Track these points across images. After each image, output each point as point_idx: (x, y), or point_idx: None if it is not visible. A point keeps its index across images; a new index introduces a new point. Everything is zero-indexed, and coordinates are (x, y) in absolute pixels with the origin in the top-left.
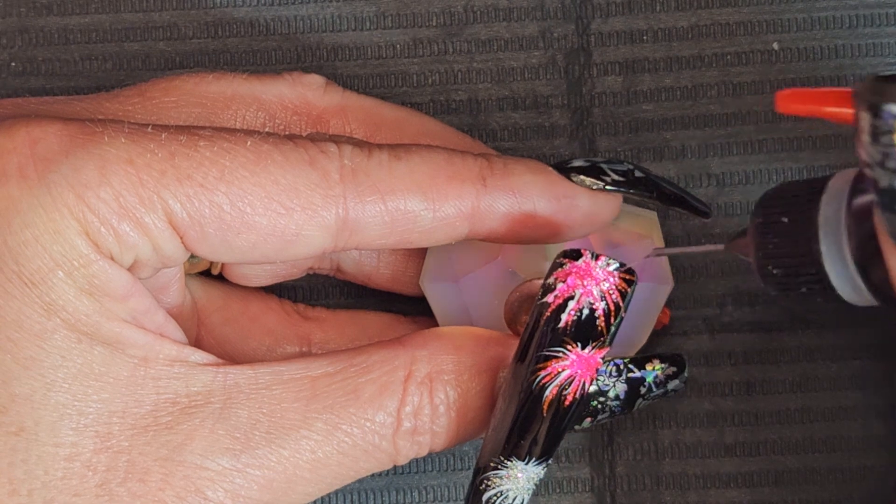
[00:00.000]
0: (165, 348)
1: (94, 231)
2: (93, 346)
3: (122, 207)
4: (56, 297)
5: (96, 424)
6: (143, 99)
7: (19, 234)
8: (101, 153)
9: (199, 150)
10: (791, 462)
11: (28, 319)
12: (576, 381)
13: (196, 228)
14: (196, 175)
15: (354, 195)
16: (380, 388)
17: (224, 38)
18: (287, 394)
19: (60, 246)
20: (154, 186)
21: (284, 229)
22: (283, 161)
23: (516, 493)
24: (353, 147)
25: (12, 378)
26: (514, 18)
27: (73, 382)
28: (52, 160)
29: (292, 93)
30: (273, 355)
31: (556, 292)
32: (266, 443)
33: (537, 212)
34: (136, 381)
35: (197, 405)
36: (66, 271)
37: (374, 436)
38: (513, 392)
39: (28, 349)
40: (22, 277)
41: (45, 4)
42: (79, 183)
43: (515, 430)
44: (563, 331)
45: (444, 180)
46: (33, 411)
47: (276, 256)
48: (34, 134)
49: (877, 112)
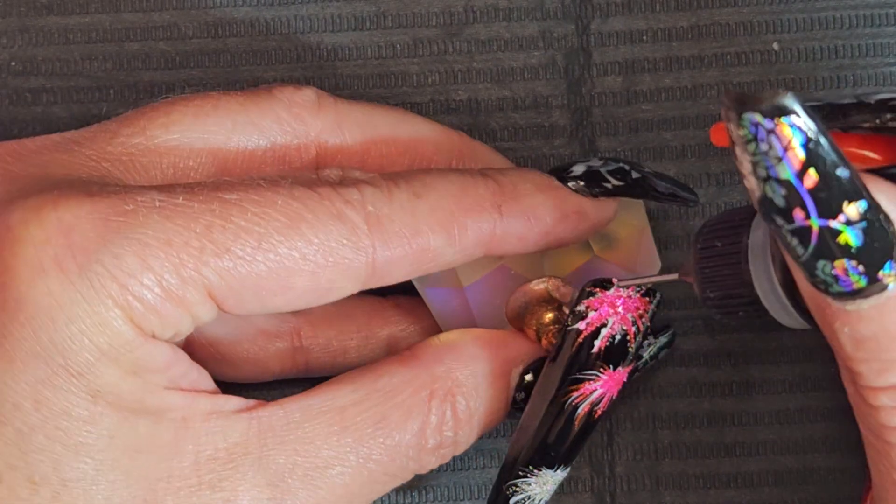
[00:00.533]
0: (201, 403)
1: (138, 317)
2: (138, 420)
3: (165, 290)
4: (102, 384)
5: (144, 493)
6: (144, 139)
7: (64, 330)
8: (139, 237)
9: (233, 221)
10: (790, 462)
11: (76, 408)
12: (606, 398)
13: (234, 296)
14: (234, 247)
15: (382, 243)
16: (405, 413)
17: (224, 38)
18: (318, 429)
19: (106, 336)
20: (194, 265)
21: (318, 285)
22: (313, 220)
23: (542, 496)
24: (373, 190)
25: (62, 465)
26: (514, 18)
27: (122, 458)
28: (91, 250)
29: (288, 114)
30: (266, 354)
31: (588, 320)
32: (303, 485)
33: (549, 229)
34: (178, 444)
35: (236, 457)
36: (112, 358)
37: (402, 459)
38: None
39: (77, 435)
40: (69, 370)
41: (46, 4)
42: (121, 272)
43: (547, 443)
44: (596, 356)
45: (462, 214)
46: (84, 493)
47: (307, 306)
48: (66, 220)
49: (739, 122)
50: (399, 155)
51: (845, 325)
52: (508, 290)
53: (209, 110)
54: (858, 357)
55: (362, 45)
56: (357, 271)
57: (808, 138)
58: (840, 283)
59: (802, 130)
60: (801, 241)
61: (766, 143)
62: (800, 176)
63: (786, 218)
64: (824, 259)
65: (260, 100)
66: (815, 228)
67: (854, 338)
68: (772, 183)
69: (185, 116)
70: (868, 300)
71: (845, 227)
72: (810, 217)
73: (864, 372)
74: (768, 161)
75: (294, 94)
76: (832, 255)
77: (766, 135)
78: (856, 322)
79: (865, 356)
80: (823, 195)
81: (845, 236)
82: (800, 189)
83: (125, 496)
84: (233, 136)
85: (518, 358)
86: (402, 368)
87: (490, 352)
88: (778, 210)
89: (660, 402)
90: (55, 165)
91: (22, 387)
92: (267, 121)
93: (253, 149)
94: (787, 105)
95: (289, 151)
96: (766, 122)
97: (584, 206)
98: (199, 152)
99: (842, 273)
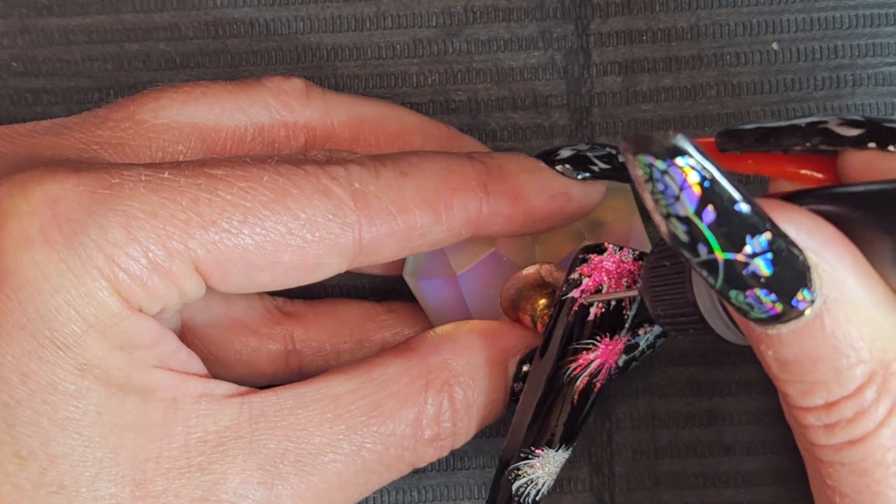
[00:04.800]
0: (192, 386)
1: (125, 289)
2: (126, 397)
3: (151, 262)
4: (90, 357)
5: (132, 473)
6: (133, 123)
7: (50, 301)
8: (125, 209)
9: (219, 195)
10: (789, 461)
11: (63, 381)
12: (604, 369)
13: (221, 271)
14: (220, 220)
15: (368, 219)
16: (400, 402)
17: (224, 38)
18: (312, 416)
19: (93, 308)
20: (180, 237)
21: (305, 261)
22: (299, 195)
23: (545, 478)
24: (360, 168)
25: (50, 439)
26: (514, 19)
27: (109, 436)
28: (77, 221)
29: (277, 102)
30: (259, 356)
31: (582, 287)
32: (296, 471)
33: (536, 210)
34: (167, 424)
35: (227, 441)
36: (99, 331)
37: (397, 449)
38: (538, 385)
39: (64, 410)
40: (55, 342)
41: (46, 5)
42: (107, 243)
43: (547, 421)
44: (592, 323)
45: (449, 192)
46: (72, 469)
47: (295, 284)
48: (52, 193)
49: (636, 163)
50: (388, 145)
51: (769, 349)
52: (501, 278)
53: (198, 96)
54: (784, 378)
55: (362, 45)
56: (344, 247)
57: (703, 177)
58: (756, 310)
59: (696, 169)
60: (710, 272)
61: (662, 183)
62: (698, 213)
63: (692, 252)
64: (735, 289)
65: (249, 88)
66: (722, 260)
67: (779, 360)
68: (673, 220)
69: (174, 102)
70: (787, 325)
71: (753, 258)
72: (714, 250)
73: (791, 393)
74: (668, 199)
75: (282, 82)
76: (743, 284)
77: (661, 175)
78: (778, 345)
79: (790, 378)
80: (724, 230)
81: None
82: (701, 225)
83: (113, 474)
84: (221, 120)
85: (515, 347)
86: (397, 359)
87: (486, 342)
88: (683, 244)
89: (659, 401)
90: (44, 147)
91: (8, 359)
92: (255, 107)
93: (242, 134)
94: (679, 146)
95: (278, 137)
96: (659, 163)
97: (570, 188)
98: (188, 136)
99: (755, 300)
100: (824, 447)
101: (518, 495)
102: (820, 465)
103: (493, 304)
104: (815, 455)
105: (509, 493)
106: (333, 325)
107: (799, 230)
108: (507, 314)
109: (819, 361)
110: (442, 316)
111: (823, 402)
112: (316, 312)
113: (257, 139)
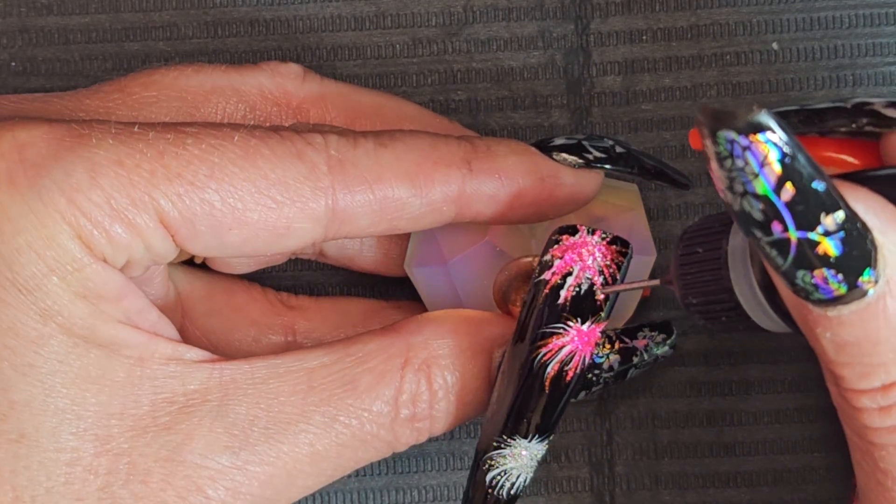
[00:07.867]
0: (161, 347)
1: (86, 234)
2: (89, 349)
3: (114, 209)
4: (51, 303)
5: (95, 428)
6: (123, 94)
7: (11, 242)
8: (90, 156)
9: (187, 148)
10: (789, 461)
11: (24, 326)
12: (576, 356)
13: (188, 226)
14: (186, 173)
15: (343, 185)
16: (377, 378)
17: (224, 37)
18: (284, 387)
19: (54, 251)
20: (145, 187)
21: (276, 223)
22: (271, 155)
23: (520, 470)
24: (338, 137)
25: (10, 385)
26: (514, 18)
27: (72, 387)
28: (42, 165)
29: (271, 83)
30: (258, 346)
31: (553, 269)
32: (265, 439)
33: (522, 192)
34: (133, 382)
35: (194, 403)
36: (61, 276)
37: (372, 425)
38: (512, 371)
39: (25, 356)
40: (16, 284)
41: (46, 4)
42: (69, 187)
43: (517, 409)
44: (562, 307)
45: (430, 166)
46: (33, 417)
47: (267, 249)
48: (21, 138)
49: (715, 139)
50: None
51: (827, 331)
52: (494, 268)
53: (190, 73)
54: (840, 361)
55: (362, 45)
56: (316, 212)
57: (784, 153)
58: (820, 291)
59: (778, 146)
60: (780, 252)
61: (742, 160)
62: (777, 190)
63: (764, 231)
64: (804, 269)
65: (244, 69)
66: (794, 240)
67: (836, 342)
68: (749, 198)
69: (165, 78)
70: (849, 306)
71: (824, 237)
72: (788, 229)
73: (847, 375)
74: (745, 177)
75: (279, 65)
76: (811, 264)
77: (742, 151)
78: (837, 327)
79: (847, 360)
80: (801, 208)
81: (824, 246)
82: (777, 203)
83: (75, 427)
84: (211, 97)
85: (501, 337)
86: (378, 337)
87: (472, 328)
88: (756, 223)
89: (659, 401)
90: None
91: None
92: (248, 86)
93: (232, 111)
94: (762, 121)
95: (269, 117)
96: (741, 139)
97: (559, 172)
98: (177, 110)
99: (821, 281)
100: (879, 430)
101: (492, 486)
102: (872, 448)
103: (486, 295)
104: (867, 438)
105: (484, 483)
106: (336, 319)
107: (867, 209)
108: (498, 306)
109: (879, 343)
110: (436, 304)
111: (881, 384)
112: (319, 306)
113: (248, 117)
